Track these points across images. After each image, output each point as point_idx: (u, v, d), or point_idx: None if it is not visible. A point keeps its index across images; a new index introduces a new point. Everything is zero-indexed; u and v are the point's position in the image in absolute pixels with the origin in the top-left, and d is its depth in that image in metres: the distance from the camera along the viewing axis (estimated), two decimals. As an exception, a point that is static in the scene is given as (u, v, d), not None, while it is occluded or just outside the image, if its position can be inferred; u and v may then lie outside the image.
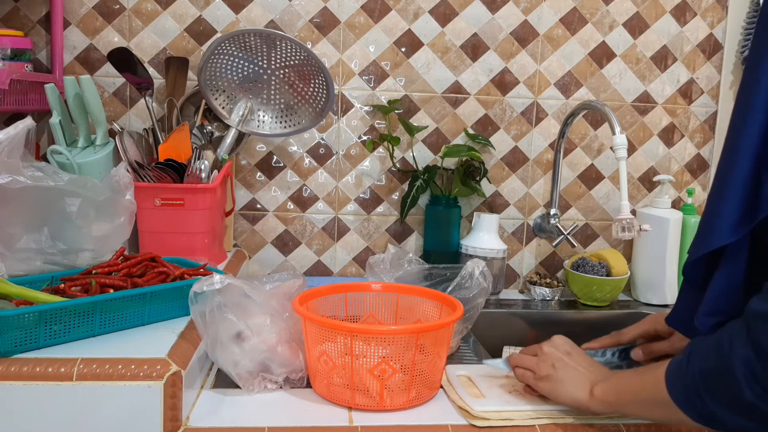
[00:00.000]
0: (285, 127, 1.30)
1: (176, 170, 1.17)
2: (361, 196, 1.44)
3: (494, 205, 1.48)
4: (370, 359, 0.78)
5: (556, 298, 1.41)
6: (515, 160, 1.46)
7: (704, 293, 0.66)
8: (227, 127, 1.28)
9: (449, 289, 0.98)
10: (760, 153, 0.61)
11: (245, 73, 1.26)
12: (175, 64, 1.33)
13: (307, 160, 1.42)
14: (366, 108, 1.41)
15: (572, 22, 1.43)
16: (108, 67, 1.31)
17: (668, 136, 1.49)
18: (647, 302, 1.41)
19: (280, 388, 0.84)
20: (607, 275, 1.36)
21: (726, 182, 0.65)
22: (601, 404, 0.74)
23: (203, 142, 1.31)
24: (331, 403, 0.81)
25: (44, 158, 1.27)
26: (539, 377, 0.80)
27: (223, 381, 0.86)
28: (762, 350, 0.54)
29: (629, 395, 0.71)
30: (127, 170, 1.04)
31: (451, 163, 1.43)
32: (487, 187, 1.45)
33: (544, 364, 0.80)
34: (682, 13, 1.45)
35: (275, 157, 1.41)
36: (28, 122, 0.91)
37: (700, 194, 1.51)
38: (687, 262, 0.70)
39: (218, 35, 1.36)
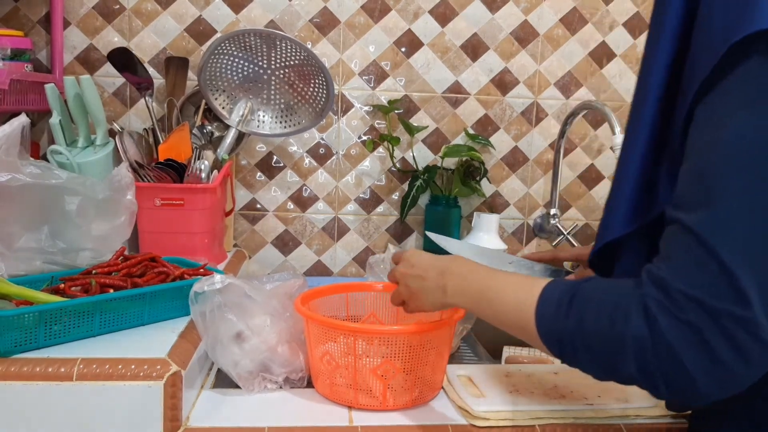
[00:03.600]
0: (285, 127, 1.30)
1: (176, 170, 1.17)
2: (361, 196, 1.44)
3: (494, 205, 1.48)
4: (373, 359, 0.78)
5: (556, 298, 1.41)
6: (515, 160, 1.46)
7: None
8: (227, 127, 1.28)
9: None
10: (652, 148, 0.61)
11: (245, 73, 1.26)
12: (175, 64, 1.33)
13: (307, 160, 1.42)
14: (366, 108, 1.41)
15: (572, 22, 1.43)
16: (108, 67, 1.31)
17: (668, 136, 1.49)
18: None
19: (281, 388, 0.84)
20: (607, 275, 1.36)
21: (620, 176, 0.64)
22: (458, 301, 0.71)
23: (203, 142, 1.31)
24: (332, 403, 0.81)
25: (44, 158, 1.27)
26: (404, 304, 0.78)
27: (223, 381, 0.86)
28: (659, 333, 0.51)
29: (491, 312, 0.67)
30: (128, 170, 1.04)
31: (451, 163, 1.43)
32: (487, 187, 1.45)
33: (400, 289, 0.78)
34: (682, 13, 1.45)
35: (275, 157, 1.41)
36: (22, 119, 0.91)
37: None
38: (591, 252, 0.69)
39: (218, 35, 1.36)
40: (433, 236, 1.00)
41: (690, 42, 0.57)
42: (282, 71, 1.26)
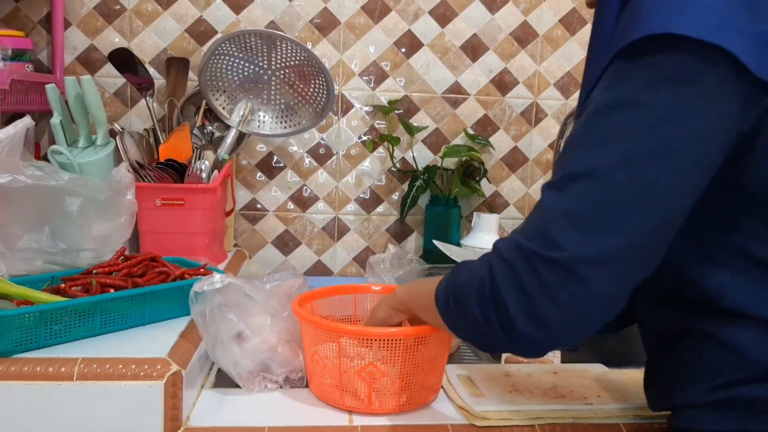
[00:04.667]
0: (285, 127, 1.31)
1: (177, 170, 1.17)
2: (361, 196, 1.44)
3: (494, 205, 1.48)
4: (360, 361, 0.77)
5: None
6: (515, 160, 1.46)
7: None
8: (228, 127, 1.28)
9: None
10: None
11: (246, 73, 1.26)
12: (175, 65, 1.34)
13: (307, 160, 1.42)
14: (366, 108, 1.41)
15: (572, 22, 1.43)
16: (109, 68, 1.31)
17: (668, 136, 1.49)
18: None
19: (281, 387, 0.84)
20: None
21: None
22: (400, 301, 0.78)
23: (204, 142, 1.31)
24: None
25: (45, 158, 1.27)
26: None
27: (223, 381, 0.86)
28: (493, 274, 0.58)
29: (419, 298, 0.74)
30: (128, 170, 1.04)
31: (450, 163, 1.43)
32: (486, 187, 1.45)
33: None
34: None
35: (275, 157, 1.41)
36: (26, 121, 0.91)
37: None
38: None
39: (219, 36, 1.36)
40: (439, 244, 1.00)
41: None
42: (282, 72, 1.26)
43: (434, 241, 1.05)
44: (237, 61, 1.24)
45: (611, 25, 0.62)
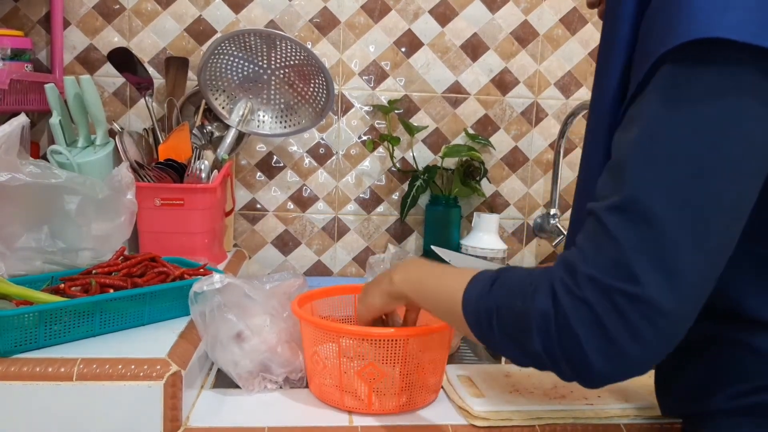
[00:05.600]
0: (285, 127, 1.30)
1: (176, 170, 1.17)
2: (361, 196, 1.44)
3: (494, 205, 1.48)
4: (360, 361, 0.77)
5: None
6: (515, 160, 1.46)
7: None
8: (227, 127, 1.28)
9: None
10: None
11: (245, 73, 1.26)
12: (175, 64, 1.33)
13: (307, 160, 1.42)
14: (366, 108, 1.41)
15: (572, 22, 1.43)
16: (108, 67, 1.31)
17: (668, 136, 1.49)
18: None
19: (280, 388, 0.84)
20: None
21: (581, 191, 0.67)
22: (399, 291, 0.74)
23: (203, 142, 1.31)
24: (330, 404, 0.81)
25: (44, 158, 1.27)
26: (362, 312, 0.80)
27: (223, 381, 0.86)
28: (561, 310, 0.54)
29: (430, 297, 0.70)
30: (128, 170, 1.04)
31: (451, 163, 1.43)
32: (487, 187, 1.45)
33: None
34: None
35: (275, 157, 1.41)
36: (22, 119, 0.91)
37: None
38: None
39: (218, 35, 1.36)
40: (438, 250, 0.99)
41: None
42: (282, 71, 1.26)
43: (432, 247, 1.05)
44: (236, 60, 1.24)
45: (629, 17, 0.60)
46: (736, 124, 0.51)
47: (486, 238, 1.36)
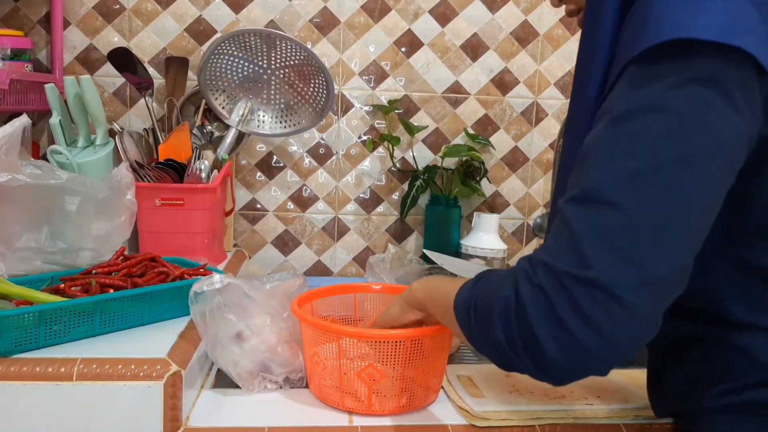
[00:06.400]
0: (285, 127, 1.30)
1: (176, 170, 1.17)
2: (361, 196, 1.44)
3: (494, 205, 1.48)
4: (360, 362, 0.77)
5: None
6: (515, 160, 1.46)
7: None
8: (227, 127, 1.28)
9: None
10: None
11: (245, 73, 1.26)
12: (175, 64, 1.33)
13: (307, 160, 1.42)
14: (366, 108, 1.41)
15: (572, 22, 1.43)
16: (108, 67, 1.31)
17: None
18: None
19: (280, 388, 0.84)
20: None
21: (555, 197, 0.67)
22: (416, 299, 0.76)
23: (203, 142, 1.31)
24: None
25: (44, 158, 1.27)
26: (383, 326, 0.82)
27: (223, 381, 0.86)
28: (519, 297, 0.54)
29: (437, 300, 0.72)
30: (128, 170, 1.04)
31: (451, 163, 1.43)
32: (487, 187, 1.45)
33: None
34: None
35: (275, 157, 1.41)
36: (23, 120, 0.91)
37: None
38: None
39: (218, 35, 1.36)
40: (431, 254, 0.99)
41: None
42: (282, 71, 1.26)
43: (425, 251, 1.05)
44: (236, 60, 1.24)
45: (609, 27, 0.60)
46: (700, 118, 0.51)
47: (486, 238, 1.36)
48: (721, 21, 0.51)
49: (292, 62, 1.24)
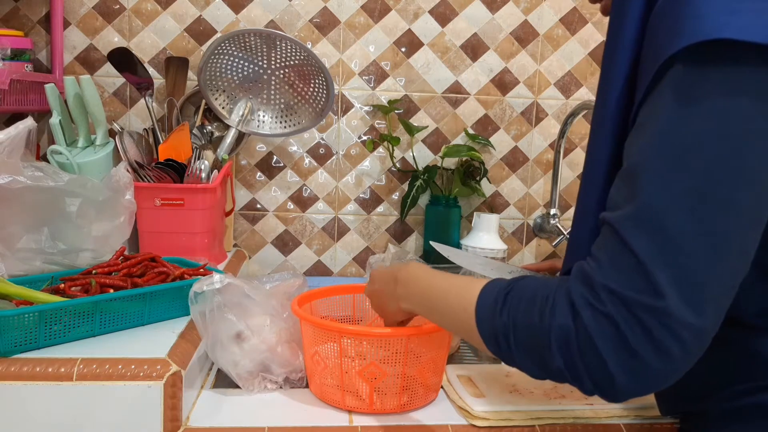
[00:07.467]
0: (285, 127, 1.30)
1: (176, 170, 1.17)
2: (361, 196, 1.44)
3: (494, 205, 1.48)
4: (361, 361, 0.77)
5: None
6: (515, 160, 1.46)
7: None
8: (227, 127, 1.28)
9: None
10: (617, 166, 0.60)
11: (245, 73, 1.26)
12: (175, 64, 1.33)
13: (307, 160, 1.42)
14: (366, 108, 1.41)
15: (572, 22, 1.43)
16: (108, 67, 1.31)
17: (668, 136, 1.49)
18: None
19: (280, 388, 0.84)
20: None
21: (585, 199, 0.66)
22: (409, 306, 0.73)
23: (203, 142, 1.31)
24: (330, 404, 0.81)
25: (44, 158, 1.27)
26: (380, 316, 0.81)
27: (223, 381, 0.86)
28: (582, 325, 0.53)
29: (443, 312, 0.68)
30: (127, 170, 1.04)
31: (451, 163, 1.43)
32: (487, 187, 1.45)
33: (372, 306, 0.82)
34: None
35: (275, 157, 1.41)
36: (28, 123, 0.91)
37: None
38: (561, 271, 0.70)
39: (218, 35, 1.36)
40: (437, 246, 0.99)
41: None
42: (282, 71, 1.26)
43: (431, 242, 1.05)
44: (236, 60, 1.24)
45: (636, 21, 0.59)
46: (750, 128, 0.50)
47: (486, 238, 1.36)
48: (761, 22, 0.49)
49: (292, 62, 1.25)
